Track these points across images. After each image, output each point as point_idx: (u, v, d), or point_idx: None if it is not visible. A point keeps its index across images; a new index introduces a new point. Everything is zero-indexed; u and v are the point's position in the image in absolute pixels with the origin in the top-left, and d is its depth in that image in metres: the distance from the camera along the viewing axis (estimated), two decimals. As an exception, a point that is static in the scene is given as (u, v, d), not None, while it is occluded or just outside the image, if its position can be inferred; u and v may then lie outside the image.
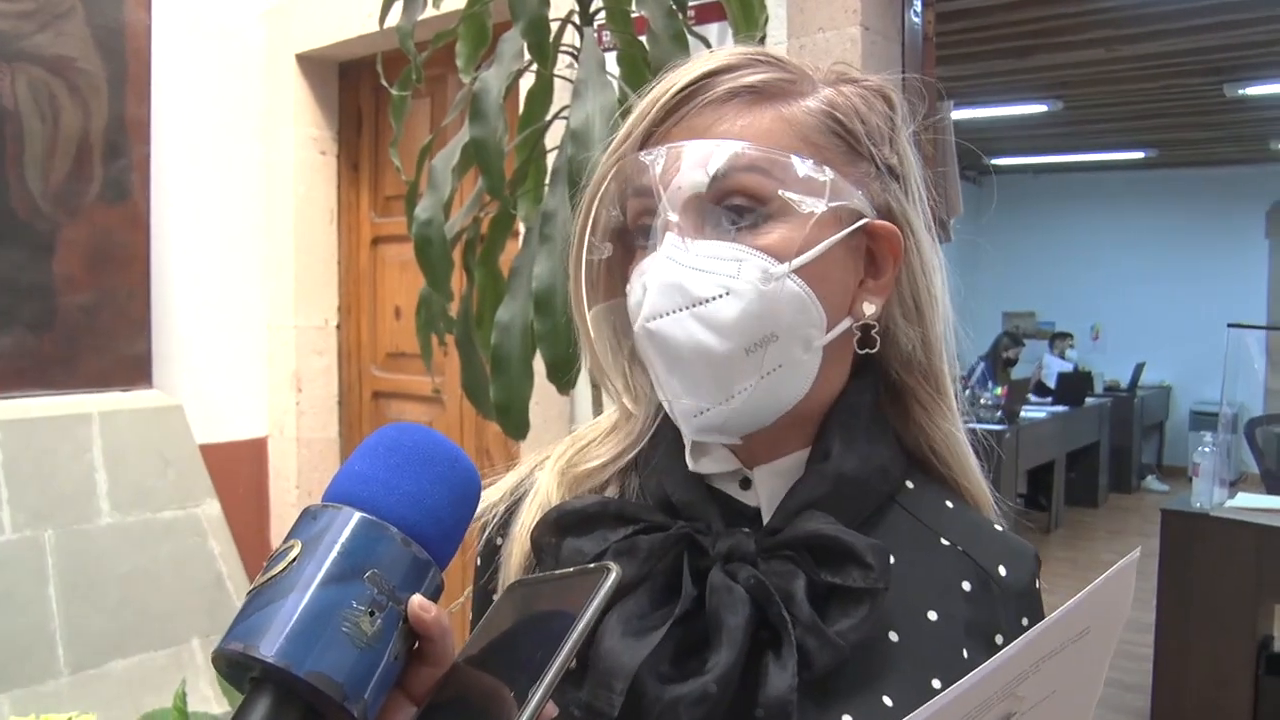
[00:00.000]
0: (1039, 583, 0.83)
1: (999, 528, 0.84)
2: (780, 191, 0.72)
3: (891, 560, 0.72)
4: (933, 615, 0.76)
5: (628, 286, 0.77)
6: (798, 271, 0.72)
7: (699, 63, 0.76)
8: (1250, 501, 4.06)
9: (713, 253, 0.72)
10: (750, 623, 0.70)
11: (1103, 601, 0.62)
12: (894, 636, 0.74)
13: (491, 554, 0.86)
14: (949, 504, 0.83)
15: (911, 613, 0.76)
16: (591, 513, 0.77)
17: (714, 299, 0.71)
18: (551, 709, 0.56)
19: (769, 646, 0.70)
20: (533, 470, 0.88)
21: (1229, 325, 4.56)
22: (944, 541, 0.80)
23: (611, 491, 0.83)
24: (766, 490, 0.78)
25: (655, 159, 0.73)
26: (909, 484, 0.82)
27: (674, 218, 0.73)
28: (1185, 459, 8.78)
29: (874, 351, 0.77)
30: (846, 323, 0.76)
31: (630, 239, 0.79)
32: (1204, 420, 8.46)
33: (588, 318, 0.82)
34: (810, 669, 0.69)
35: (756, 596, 0.71)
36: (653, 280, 0.72)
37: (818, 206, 0.72)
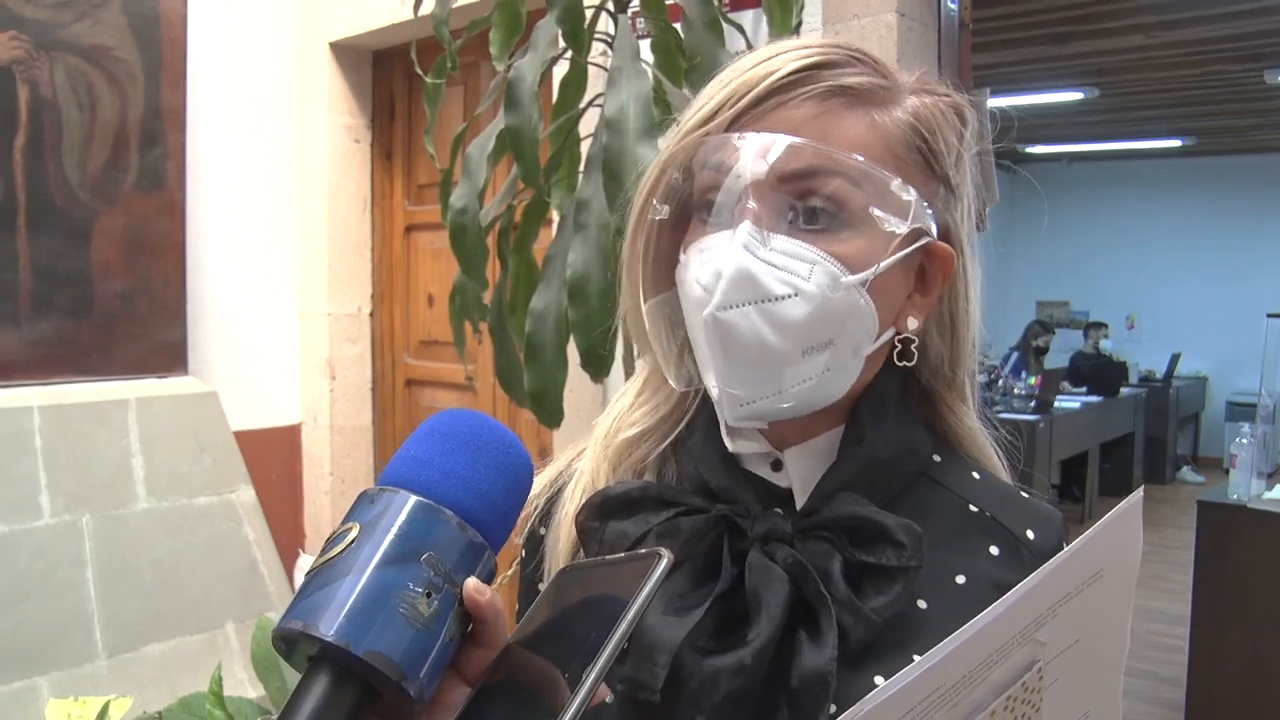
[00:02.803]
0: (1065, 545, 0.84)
1: (1025, 494, 0.87)
2: (872, 209, 0.73)
3: (923, 537, 0.74)
4: (961, 579, 0.78)
5: (681, 255, 0.78)
6: (863, 283, 0.73)
7: (797, 52, 0.76)
8: (1289, 494, 4.01)
9: (788, 250, 0.73)
10: (789, 600, 0.72)
11: (1112, 542, 0.62)
12: (923, 604, 0.77)
13: (535, 544, 0.89)
14: (976, 475, 0.86)
15: (940, 578, 0.78)
16: (634, 496, 0.79)
17: (783, 298, 0.72)
18: (604, 691, 0.57)
19: (802, 623, 0.72)
20: (570, 462, 0.91)
21: (1269, 315, 4.50)
22: (972, 509, 0.82)
23: (650, 478, 0.86)
24: (798, 471, 0.80)
25: (748, 144, 0.73)
26: (936, 458, 0.84)
27: (753, 205, 0.73)
28: (1221, 450, 8.70)
29: (910, 364, 0.79)
30: (890, 333, 0.78)
31: (689, 207, 0.79)
32: (1240, 411, 8.38)
33: (643, 310, 0.82)
34: (846, 643, 0.71)
35: (794, 575, 0.73)
36: (726, 268, 0.72)
37: (900, 228, 0.73)
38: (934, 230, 0.77)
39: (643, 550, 0.61)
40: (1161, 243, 10.47)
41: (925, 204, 0.76)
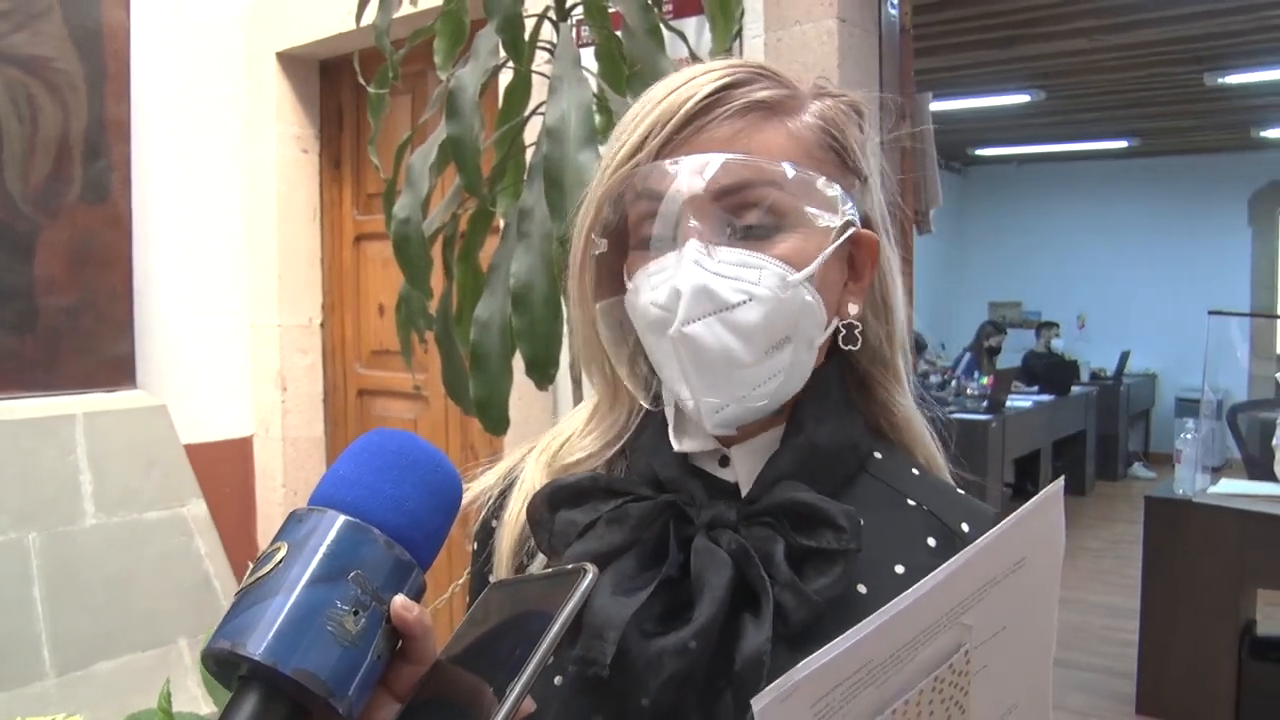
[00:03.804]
0: None
1: (961, 492, 0.91)
2: (806, 209, 0.78)
3: (861, 522, 0.77)
4: (899, 569, 0.81)
5: (630, 284, 0.81)
6: (808, 278, 0.78)
7: (707, 75, 0.80)
8: (1233, 488, 4.10)
9: (735, 260, 0.77)
10: (731, 583, 0.74)
11: (1033, 530, 0.65)
12: (862, 589, 0.79)
13: (487, 536, 0.92)
14: (914, 471, 0.90)
15: (879, 567, 0.81)
16: (584, 487, 0.82)
17: (739, 304, 0.76)
18: (529, 704, 0.58)
19: (746, 606, 0.74)
20: (524, 457, 0.93)
21: (1210, 312, 4.59)
22: (910, 502, 0.86)
23: (600, 472, 0.88)
24: (744, 466, 0.83)
25: (681, 166, 0.77)
26: (876, 454, 0.88)
27: (695, 223, 0.77)
28: (1172, 446, 8.81)
29: (855, 348, 0.84)
30: (835, 322, 0.83)
31: (625, 238, 0.83)
32: (1189, 407, 8.47)
33: (595, 312, 0.85)
34: (787, 624, 0.73)
35: (738, 559, 0.76)
36: (684, 285, 0.76)
37: (834, 221, 0.78)
38: (858, 220, 0.81)
39: (569, 566, 0.62)
40: (1110, 242, 10.63)
41: (847, 197, 0.80)
